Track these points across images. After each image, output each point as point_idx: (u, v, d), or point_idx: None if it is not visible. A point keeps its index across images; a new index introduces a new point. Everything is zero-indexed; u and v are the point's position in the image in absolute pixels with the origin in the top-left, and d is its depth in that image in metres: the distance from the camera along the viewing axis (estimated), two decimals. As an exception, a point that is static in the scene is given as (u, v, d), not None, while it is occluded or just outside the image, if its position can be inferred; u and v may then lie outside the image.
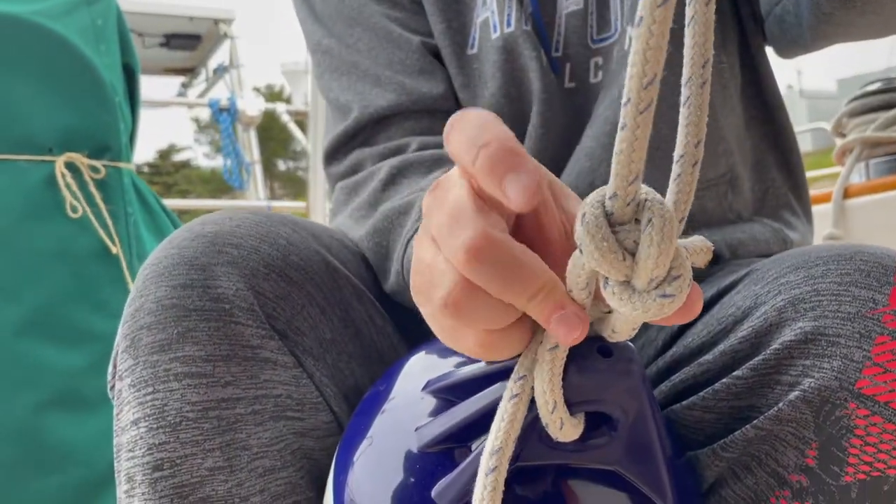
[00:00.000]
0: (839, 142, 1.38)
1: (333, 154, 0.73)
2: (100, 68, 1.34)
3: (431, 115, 0.70)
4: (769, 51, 0.75)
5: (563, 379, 0.36)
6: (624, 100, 0.29)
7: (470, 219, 0.32)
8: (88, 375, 1.26)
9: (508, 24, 0.69)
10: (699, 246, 0.34)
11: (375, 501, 0.43)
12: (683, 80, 0.32)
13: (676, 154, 0.34)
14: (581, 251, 0.31)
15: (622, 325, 0.35)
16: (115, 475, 0.52)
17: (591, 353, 0.37)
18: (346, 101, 0.71)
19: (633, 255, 0.31)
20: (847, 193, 1.30)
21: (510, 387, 0.36)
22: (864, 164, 1.35)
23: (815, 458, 0.41)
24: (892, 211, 1.24)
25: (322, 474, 0.52)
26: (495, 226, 0.32)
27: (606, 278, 0.32)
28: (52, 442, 1.21)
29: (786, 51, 0.70)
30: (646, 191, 0.31)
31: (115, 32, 1.43)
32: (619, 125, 0.30)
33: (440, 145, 0.68)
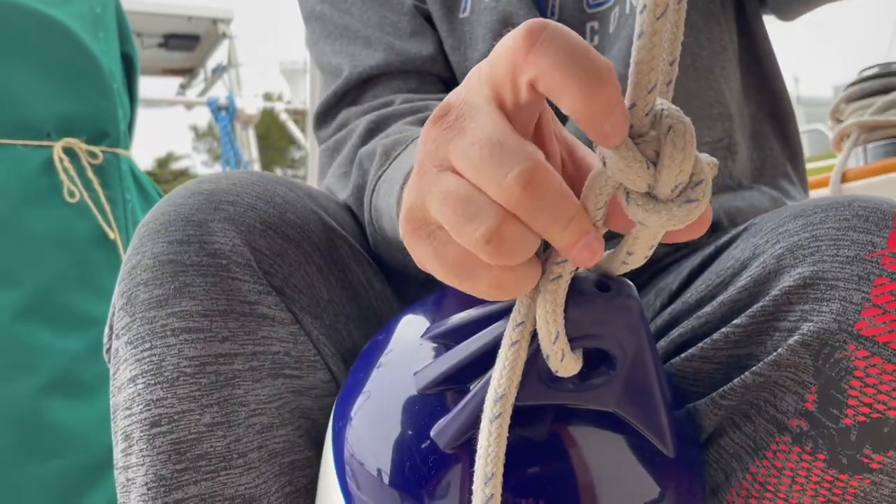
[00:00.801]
0: (836, 128, 1.38)
1: (323, 117, 0.73)
2: (98, 55, 1.34)
3: (420, 75, 0.71)
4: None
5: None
6: (640, 7, 0.29)
7: (518, 148, 0.30)
8: (87, 360, 1.25)
9: None
10: (707, 161, 0.34)
11: (375, 451, 0.43)
12: None
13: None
14: (605, 164, 0.31)
15: (640, 244, 0.35)
16: (112, 437, 0.51)
17: (590, 288, 0.37)
18: (338, 63, 0.72)
19: (654, 164, 0.31)
20: (845, 178, 1.30)
21: (508, 333, 0.36)
22: (862, 149, 1.35)
23: (815, 401, 0.41)
24: (890, 193, 1.23)
25: (321, 434, 0.52)
26: (540, 155, 0.31)
27: (628, 194, 0.32)
28: (52, 427, 1.20)
29: (786, 10, 0.70)
30: (660, 101, 0.32)
31: (113, 20, 1.43)
32: (636, 34, 0.30)
33: (423, 101, 0.68)
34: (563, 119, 0.57)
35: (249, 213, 0.51)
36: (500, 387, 0.36)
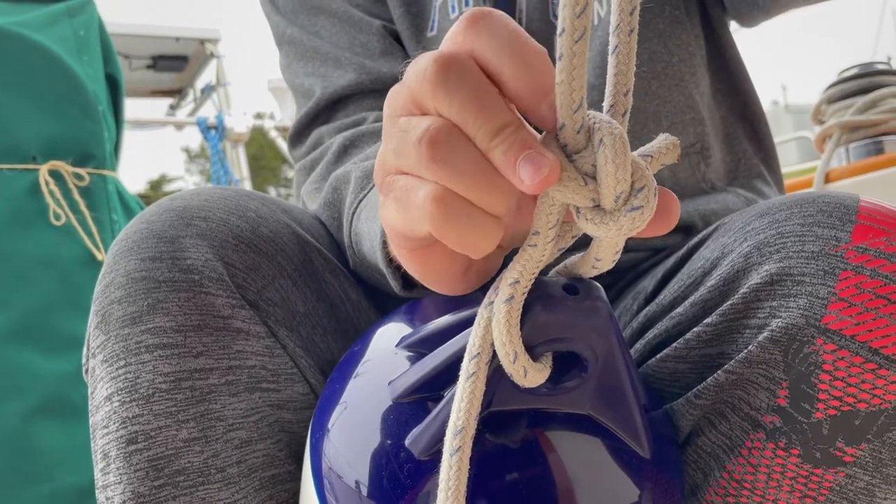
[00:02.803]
0: (818, 129, 1.39)
1: (297, 137, 0.74)
2: (83, 78, 1.35)
3: None
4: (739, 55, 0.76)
5: (530, 318, 0.36)
6: (559, 30, 0.30)
7: (447, 48, 0.32)
8: (76, 382, 1.25)
9: (467, 4, 0.70)
10: (664, 145, 0.34)
11: (352, 463, 0.43)
12: (612, 28, 0.32)
13: (606, 104, 0.34)
14: None
15: (604, 250, 0.35)
16: (93, 457, 0.51)
17: (557, 291, 0.37)
18: (310, 84, 0.72)
19: (595, 178, 0.31)
20: (828, 178, 1.31)
21: (465, 366, 0.36)
22: (845, 149, 1.36)
23: (787, 397, 0.41)
24: (873, 193, 1.24)
25: (301, 448, 0.52)
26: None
27: (578, 209, 0.32)
28: (41, 449, 1.20)
29: (746, 16, 0.71)
30: (593, 116, 0.32)
31: (97, 43, 1.44)
32: (557, 56, 0.30)
33: None
34: None
35: (222, 227, 0.52)
36: (458, 420, 0.36)
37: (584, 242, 0.38)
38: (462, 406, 0.36)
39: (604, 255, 0.36)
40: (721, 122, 0.74)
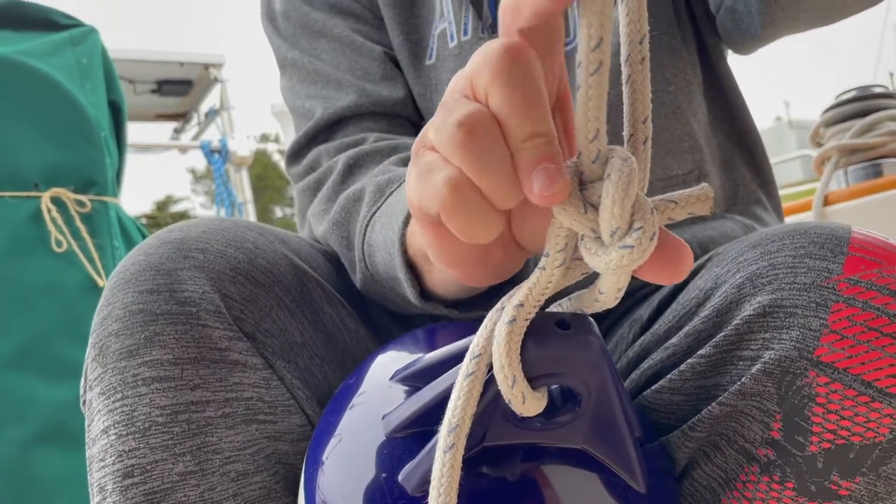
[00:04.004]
0: (817, 151, 1.40)
1: (294, 156, 0.75)
2: (85, 105, 1.36)
3: (390, 118, 0.72)
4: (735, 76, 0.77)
5: (522, 353, 0.36)
6: (577, 63, 0.31)
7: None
8: (76, 409, 1.25)
9: (465, 33, 0.71)
10: (696, 193, 0.34)
11: (346, 497, 0.43)
12: (623, 58, 0.33)
13: (626, 133, 0.34)
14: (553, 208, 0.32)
15: (607, 286, 0.36)
16: (89, 490, 0.51)
17: (550, 326, 0.37)
18: (310, 106, 0.73)
19: (595, 207, 0.32)
20: (827, 201, 1.31)
21: (465, 364, 0.36)
22: (843, 172, 1.36)
23: (780, 429, 0.41)
24: (871, 215, 1.25)
25: (298, 479, 0.52)
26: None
27: (582, 236, 0.33)
28: (40, 477, 1.20)
29: (740, 44, 0.71)
30: (614, 149, 0.32)
31: (100, 70, 1.46)
32: (577, 87, 0.31)
33: (397, 140, 0.70)
34: None
35: (219, 259, 0.52)
36: (453, 417, 0.36)
37: (593, 279, 0.38)
38: (458, 404, 0.36)
39: (606, 290, 0.36)
40: (719, 149, 0.74)
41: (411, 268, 0.50)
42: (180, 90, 4.90)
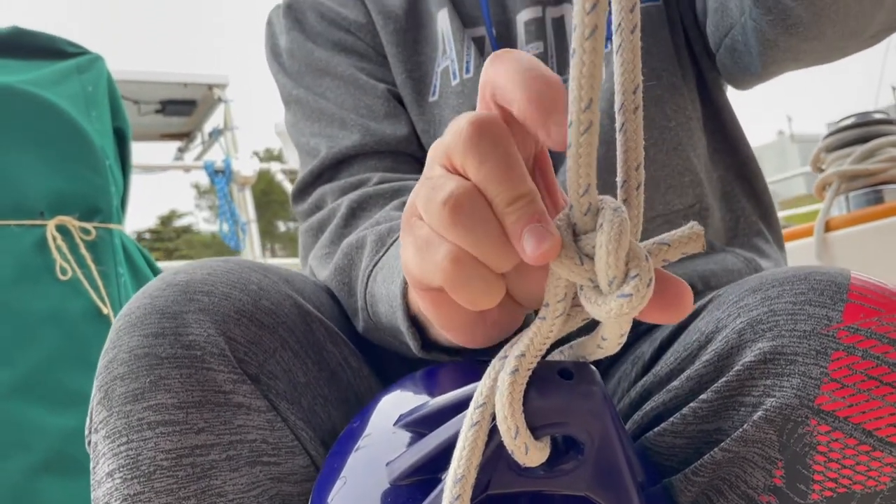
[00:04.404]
0: (818, 176, 1.41)
1: (300, 194, 0.76)
2: (91, 133, 1.37)
3: (394, 155, 0.73)
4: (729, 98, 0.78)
5: (525, 403, 0.37)
6: (567, 123, 0.32)
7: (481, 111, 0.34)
8: (80, 437, 1.25)
9: (468, 71, 0.72)
10: (686, 234, 0.35)
11: (351, 541, 0.43)
12: (616, 106, 0.34)
13: (619, 179, 0.35)
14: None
15: (610, 332, 0.36)
16: None
17: (552, 375, 0.38)
18: (315, 144, 0.74)
19: (591, 258, 0.33)
20: (828, 226, 1.32)
21: (469, 414, 0.37)
22: (844, 197, 1.37)
23: (782, 476, 0.41)
24: (873, 242, 1.25)
25: (302, 520, 0.52)
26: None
27: (581, 286, 0.34)
28: (45, 506, 1.19)
29: (740, 81, 0.72)
30: (604, 200, 0.33)
31: (105, 98, 1.47)
32: (568, 144, 0.32)
33: (401, 180, 0.70)
34: None
35: (224, 302, 0.52)
36: (458, 468, 0.36)
37: (594, 324, 0.39)
38: (464, 454, 0.36)
39: (609, 337, 0.37)
40: (719, 181, 0.75)
41: (414, 320, 0.51)
42: (184, 110, 4.95)
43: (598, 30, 0.30)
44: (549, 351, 0.41)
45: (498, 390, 0.36)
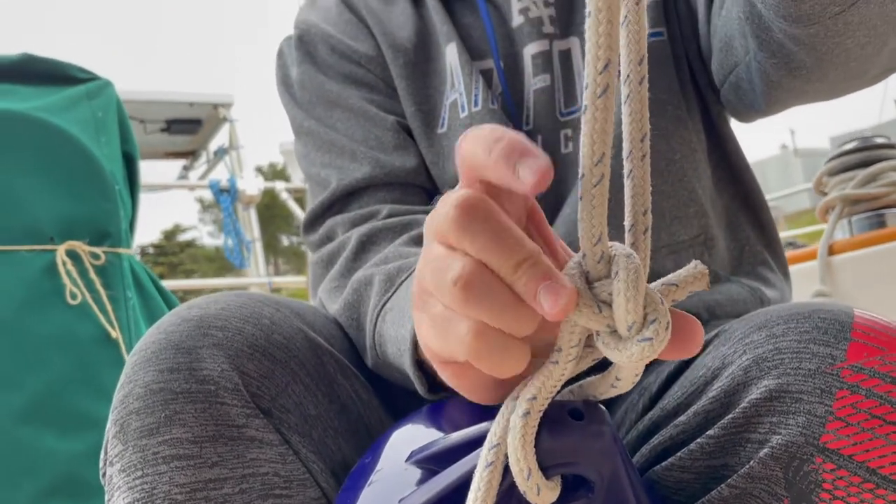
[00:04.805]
0: (821, 200, 1.42)
1: (311, 225, 0.77)
2: (100, 159, 1.39)
3: (403, 187, 0.74)
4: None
5: (537, 443, 0.38)
6: (580, 175, 0.33)
7: (463, 189, 0.35)
8: (90, 461, 1.26)
9: (476, 104, 0.73)
10: (692, 274, 0.36)
11: (363, 576, 0.44)
12: (625, 154, 0.35)
13: (627, 224, 0.36)
14: None
15: (624, 372, 0.37)
16: None
17: (563, 416, 0.39)
18: (326, 175, 0.75)
19: (609, 305, 0.34)
20: (832, 250, 1.33)
21: (484, 455, 0.38)
22: (847, 221, 1.38)
23: None
24: (876, 266, 1.26)
25: (313, 552, 0.53)
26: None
27: (597, 332, 0.35)
28: (52, 531, 1.20)
29: (744, 115, 0.73)
30: (615, 247, 0.34)
31: (115, 123, 1.49)
32: (579, 196, 0.33)
33: (410, 213, 0.71)
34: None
35: (237, 337, 0.53)
36: None
37: (605, 362, 0.39)
38: (479, 495, 0.37)
39: (624, 377, 0.38)
40: (724, 211, 0.76)
41: (421, 364, 0.52)
42: (189, 129, 4.98)
43: (609, 88, 0.32)
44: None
45: (510, 432, 0.37)
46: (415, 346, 0.51)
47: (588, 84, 0.32)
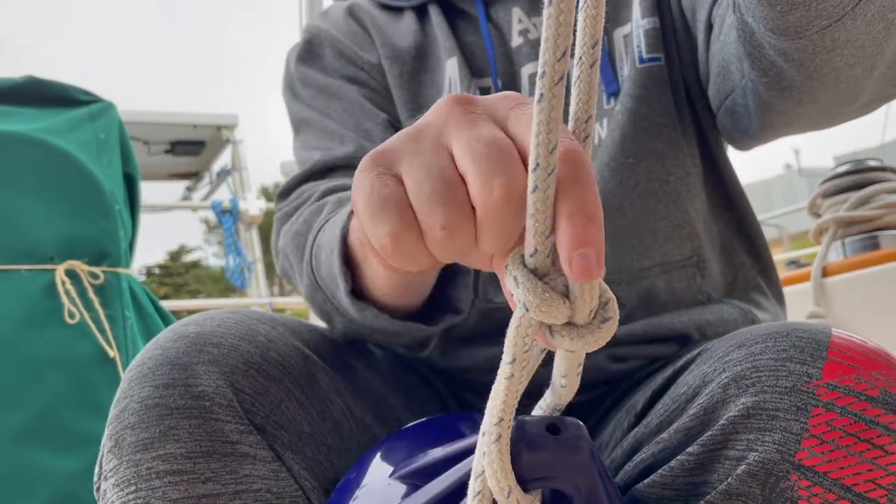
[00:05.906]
0: (815, 222, 1.43)
1: (284, 194, 0.78)
2: (101, 179, 1.41)
3: None
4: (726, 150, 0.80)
5: (516, 459, 0.38)
6: (532, 165, 0.32)
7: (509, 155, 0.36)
8: (87, 480, 1.26)
9: None
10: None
11: (349, 590, 0.45)
12: (570, 129, 0.35)
13: (571, 127, 0.36)
14: (527, 309, 0.33)
15: (570, 367, 0.37)
16: None
17: (541, 431, 0.39)
18: (311, 154, 0.78)
19: (566, 297, 0.34)
20: (826, 272, 1.34)
21: (472, 485, 0.38)
22: (841, 243, 1.39)
23: None
24: (870, 287, 1.27)
25: (303, 567, 0.53)
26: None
27: (550, 328, 0.34)
28: (49, 550, 1.20)
29: (739, 142, 0.74)
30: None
31: (116, 145, 1.51)
32: (530, 189, 0.32)
33: None
34: None
35: (233, 353, 0.54)
36: None
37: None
38: None
39: (569, 373, 0.38)
40: (719, 236, 0.76)
41: (349, 265, 0.54)
42: (193, 150, 5.00)
43: (565, 77, 0.32)
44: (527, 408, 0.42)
45: (486, 456, 0.37)
46: (344, 239, 0.53)
47: (545, 72, 0.31)
